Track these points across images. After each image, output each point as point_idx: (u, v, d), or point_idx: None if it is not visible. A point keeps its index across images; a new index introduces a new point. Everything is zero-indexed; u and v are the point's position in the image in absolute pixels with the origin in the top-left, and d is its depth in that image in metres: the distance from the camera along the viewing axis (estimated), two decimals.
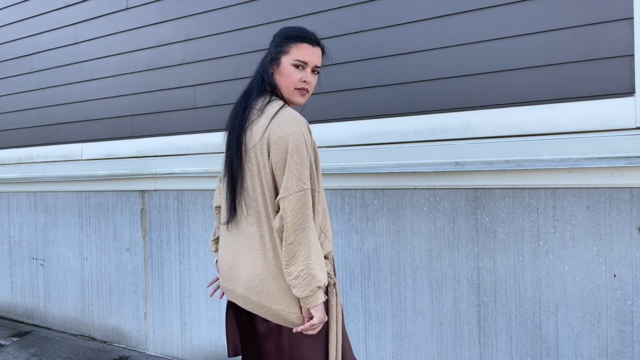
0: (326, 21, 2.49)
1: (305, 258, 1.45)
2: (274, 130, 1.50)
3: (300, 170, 1.48)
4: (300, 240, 1.45)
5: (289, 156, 1.48)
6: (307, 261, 1.45)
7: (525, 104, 2.04)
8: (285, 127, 1.50)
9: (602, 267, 1.92)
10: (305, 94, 1.66)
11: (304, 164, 1.49)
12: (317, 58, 1.65)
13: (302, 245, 1.46)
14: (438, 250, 2.25)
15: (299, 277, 1.46)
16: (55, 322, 3.79)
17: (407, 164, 2.26)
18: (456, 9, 2.18)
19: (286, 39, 1.63)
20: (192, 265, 3.05)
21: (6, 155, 4.02)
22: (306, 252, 1.46)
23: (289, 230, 1.45)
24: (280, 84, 1.63)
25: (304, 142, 1.50)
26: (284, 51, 1.62)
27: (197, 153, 2.97)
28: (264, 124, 1.53)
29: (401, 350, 2.35)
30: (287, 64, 1.61)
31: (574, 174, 1.94)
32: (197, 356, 3.05)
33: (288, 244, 1.46)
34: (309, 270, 1.45)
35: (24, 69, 3.89)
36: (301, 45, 1.62)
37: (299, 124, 1.52)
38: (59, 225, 3.74)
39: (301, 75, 1.61)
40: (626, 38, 1.86)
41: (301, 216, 1.45)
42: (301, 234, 1.45)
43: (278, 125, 1.51)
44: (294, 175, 1.47)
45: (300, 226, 1.45)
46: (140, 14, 3.21)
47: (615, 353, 1.92)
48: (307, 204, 1.47)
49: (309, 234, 1.46)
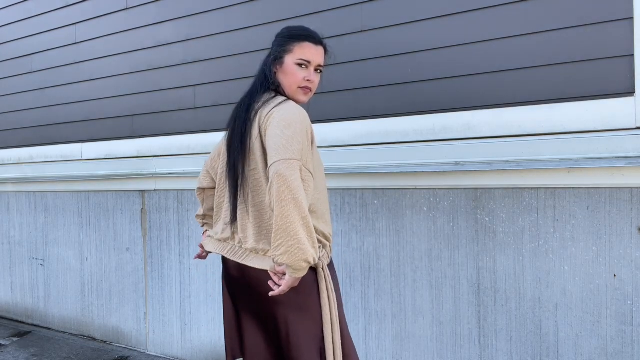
0: (326, 21, 2.49)
1: (293, 232, 1.37)
2: (275, 114, 1.52)
3: (290, 142, 1.44)
4: (287, 213, 1.37)
5: (279, 131, 1.46)
6: (297, 236, 1.37)
7: (525, 104, 2.04)
8: (284, 111, 1.52)
9: (602, 267, 1.93)
10: (309, 93, 1.67)
11: (295, 139, 1.45)
12: (320, 57, 1.66)
13: (290, 218, 1.37)
14: (438, 250, 2.25)
15: (288, 253, 1.39)
16: (55, 322, 3.79)
17: (407, 164, 2.26)
18: (456, 9, 2.18)
19: (289, 39, 1.65)
20: (192, 265, 3.05)
21: (6, 155, 4.02)
22: (295, 226, 1.37)
23: (275, 201, 1.38)
24: (284, 82, 1.65)
25: (300, 122, 1.49)
26: (287, 50, 1.64)
27: (197, 153, 2.97)
28: (267, 111, 1.55)
29: (401, 350, 2.35)
30: (290, 63, 1.63)
31: (574, 174, 1.94)
32: (197, 356, 3.05)
33: (276, 215, 1.38)
34: (299, 245, 1.38)
35: (24, 69, 3.89)
36: (304, 44, 1.63)
37: (299, 111, 1.53)
38: (59, 225, 3.74)
39: (305, 74, 1.63)
40: (626, 38, 1.86)
41: (287, 185, 1.37)
42: (288, 205, 1.37)
43: (278, 110, 1.53)
44: (282, 145, 1.43)
45: (288, 196, 1.37)
46: (140, 14, 3.21)
47: (615, 353, 1.92)
48: (294, 174, 1.39)
49: (300, 206, 1.38)
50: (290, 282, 1.46)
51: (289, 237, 1.38)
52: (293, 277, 1.45)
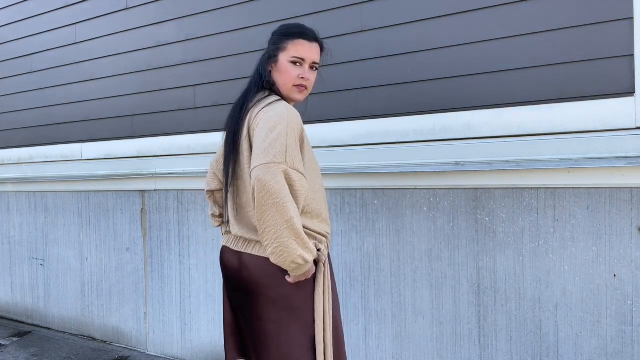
0: (326, 21, 2.49)
1: (276, 235, 1.40)
2: (262, 115, 1.51)
3: (272, 145, 1.43)
4: (268, 217, 1.39)
5: (264, 133, 1.46)
6: (280, 239, 1.40)
7: (525, 104, 2.04)
8: (271, 112, 1.50)
9: (602, 267, 1.92)
10: (304, 91, 1.66)
11: (279, 141, 1.44)
12: (315, 54, 1.64)
13: (271, 222, 1.39)
14: (438, 250, 2.25)
15: (274, 254, 1.42)
16: (55, 322, 3.79)
17: (407, 164, 2.26)
18: (456, 9, 2.18)
19: (283, 36, 1.64)
20: (192, 265, 3.05)
21: (6, 155, 4.02)
22: (277, 229, 1.39)
23: (257, 206, 1.40)
24: (279, 81, 1.64)
25: (286, 124, 1.48)
26: (281, 48, 1.63)
27: (197, 153, 2.97)
28: (257, 111, 1.55)
29: (401, 350, 2.35)
30: (284, 61, 1.62)
31: (574, 174, 1.94)
32: (197, 356, 3.05)
33: (258, 220, 1.41)
34: (284, 248, 1.41)
35: (24, 69, 3.89)
36: (298, 41, 1.62)
37: (287, 112, 1.51)
38: (59, 225, 3.74)
39: (299, 72, 1.61)
40: (626, 38, 1.86)
41: (267, 190, 1.38)
42: (269, 210, 1.38)
43: (266, 112, 1.52)
44: (263, 149, 1.43)
45: (269, 201, 1.38)
46: (140, 14, 3.21)
47: (615, 353, 1.92)
48: (274, 178, 1.39)
49: (282, 209, 1.38)
50: (293, 279, 1.51)
51: (272, 240, 1.41)
52: (293, 275, 1.49)
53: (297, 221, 1.42)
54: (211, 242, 2.96)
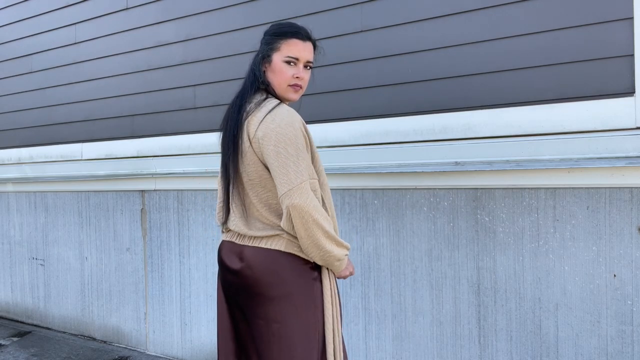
0: (326, 21, 2.49)
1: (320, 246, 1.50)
2: (268, 124, 1.51)
3: (296, 163, 1.47)
4: (311, 234, 1.47)
5: (282, 149, 1.47)
6: (323, 249, 1.50)
7: (525, 104, 2.04)
8: (279, 119, 1.50)
9: (602, 267, 1.93)
10: (299, 90, 1.65)
11: (300, 156, 1.48)
12: (308, 53, 1.64)
13: (314, 237, 1.48)
14: (438, 250, 2.25)
15: (322, 261, 1.54)
16: (55, 322, 3.79)
17: (407, 164, 2.26)
18: (456, 9, 2.18)
19: (276, 36, 1.63)
20: (192, 265, 3.05)
21: (6, 155, 4.02)
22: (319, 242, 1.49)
23: (299, 228, 1.47)
24: (273, 81, 1.63)
25: (298, 136, 1.50)
26: (274, 48, 1.62)
27: (197, 153, 2.97)
28: (260, 117, 1.54)
29: (401, 350, 2.35)
30: (278, 61, 1.61)
31: (574, 174, 1.94)
32: (197, 356, 3.05)
33: (303, 241, 1.50)
34: (329, 255, 1.52)
35: (24, 69, 3.89)
36: (291, 41, 1.61)
37: (293, 118, 1.52)
38: (59, 225, 3.74)
39: (293, 72, 1.61)
40: (626, 38, 1.86)
41: (306, 212, 1.45)
42: (311, 228, 1.46)
43: (272, 119, 1.51)
44: (284, 172, 1.46)
45: (309, 221, 1.45)
46: (140, 14, 3.21)
47: (615, 353, 1.92)
48: (308, 198, 1.46)
49: (319, 224, 1.47)
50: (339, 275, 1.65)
51: (318, 250, 1.51)
52: (337, 272, 1.62)
53: (329, 227, 1.51)
54: (211, 242, 2.96)
